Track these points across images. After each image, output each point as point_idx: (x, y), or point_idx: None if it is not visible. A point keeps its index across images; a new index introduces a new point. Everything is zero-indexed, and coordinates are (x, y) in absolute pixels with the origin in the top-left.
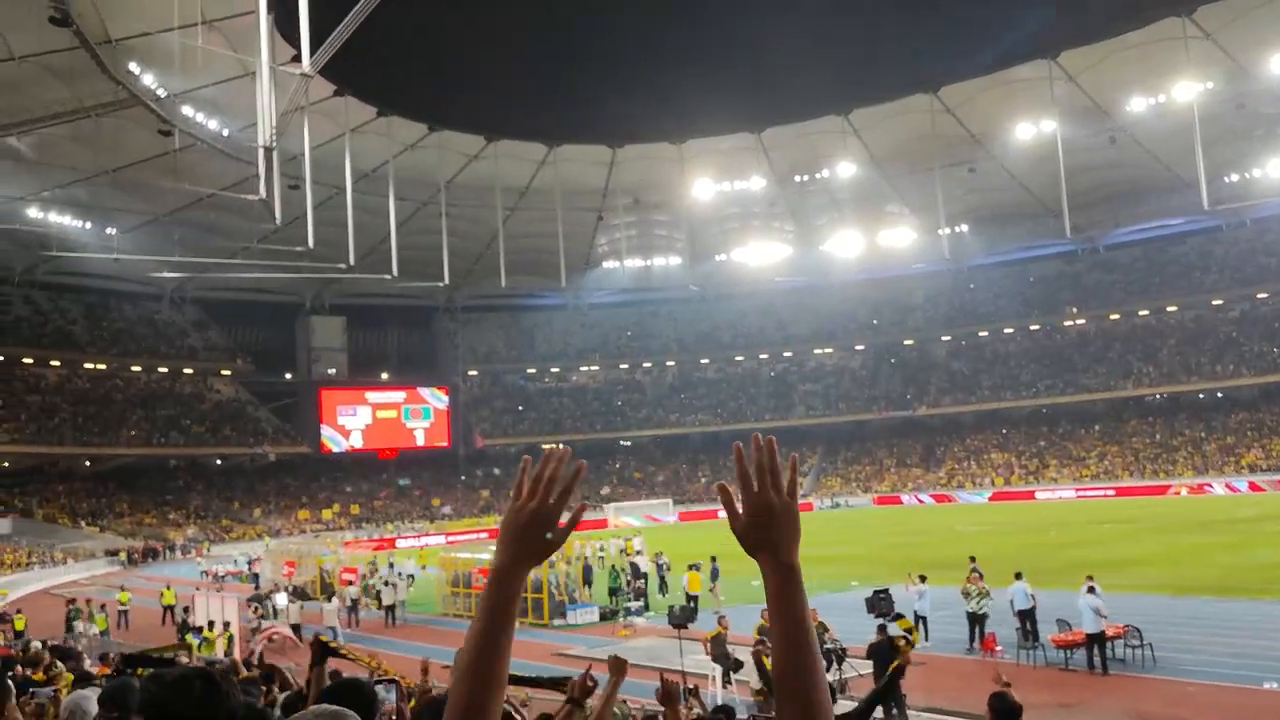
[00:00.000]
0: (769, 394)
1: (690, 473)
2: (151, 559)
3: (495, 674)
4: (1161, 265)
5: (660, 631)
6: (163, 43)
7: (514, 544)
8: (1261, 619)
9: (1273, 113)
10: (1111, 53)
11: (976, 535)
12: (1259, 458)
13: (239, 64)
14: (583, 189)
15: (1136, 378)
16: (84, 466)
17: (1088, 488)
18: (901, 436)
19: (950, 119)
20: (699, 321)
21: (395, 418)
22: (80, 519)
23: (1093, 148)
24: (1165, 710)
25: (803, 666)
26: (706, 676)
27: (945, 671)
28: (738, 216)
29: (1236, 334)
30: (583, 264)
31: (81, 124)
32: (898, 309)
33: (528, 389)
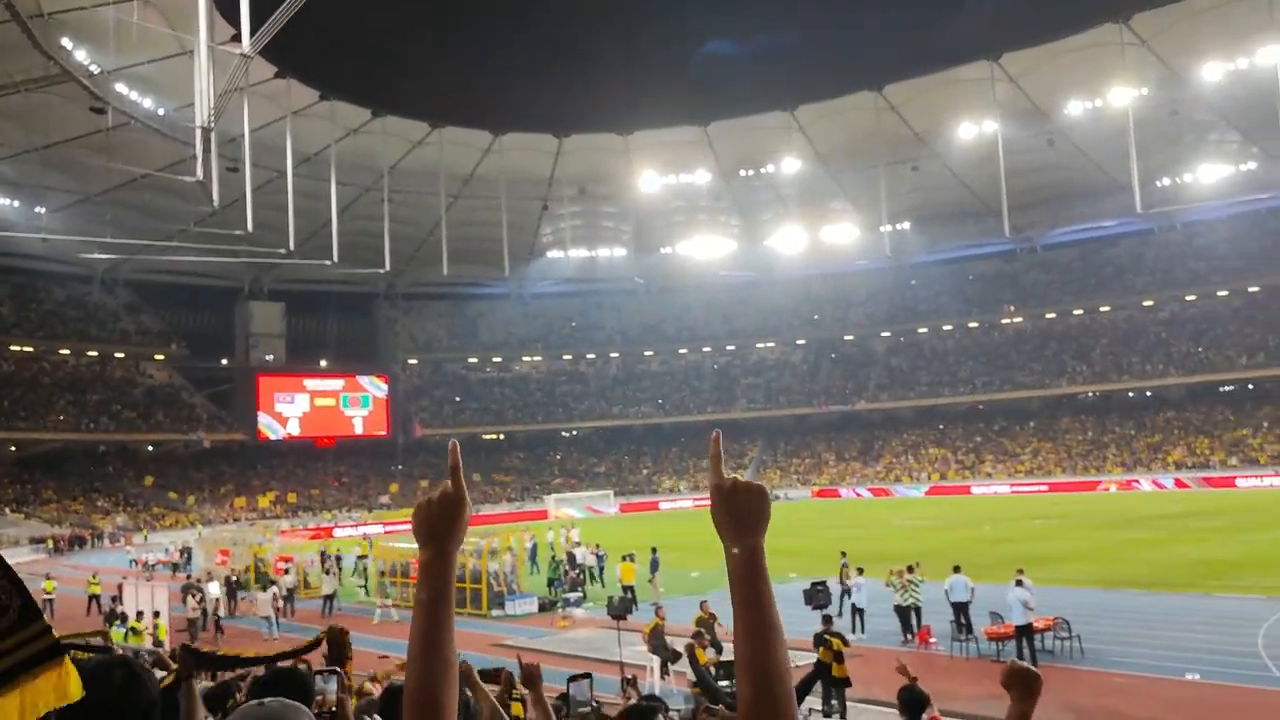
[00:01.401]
0: (711, 387)
1: (632, 464)
2: (79, 547)
3: (446, 656)
4: (1096, 266)
5: (599, 622)
6: (97, 17)
7: (428, 529)
8: (1185, 612)
9: (1204, 119)
10: (1052, 56)
11: (913, 529)
12: (1184, 456)
13: (176, 42)
14: (528, 178)
15: (1070, 376)
16: (9, 452)
17: (1022, 483)
18: (841, 431)
19: (894, 117)
20: (643, 313)
21: (334, 406)
22: (4, 505)
23: (1032, 149)
24: (1093, 700)
25: (764, 644)
26: (644, 668)
27: (880, 663)
28: (683, 210)
29: (1166, 335)
30: (527, 253)
31: (10, 99)
32: (839, 305)
33: (469, 379)
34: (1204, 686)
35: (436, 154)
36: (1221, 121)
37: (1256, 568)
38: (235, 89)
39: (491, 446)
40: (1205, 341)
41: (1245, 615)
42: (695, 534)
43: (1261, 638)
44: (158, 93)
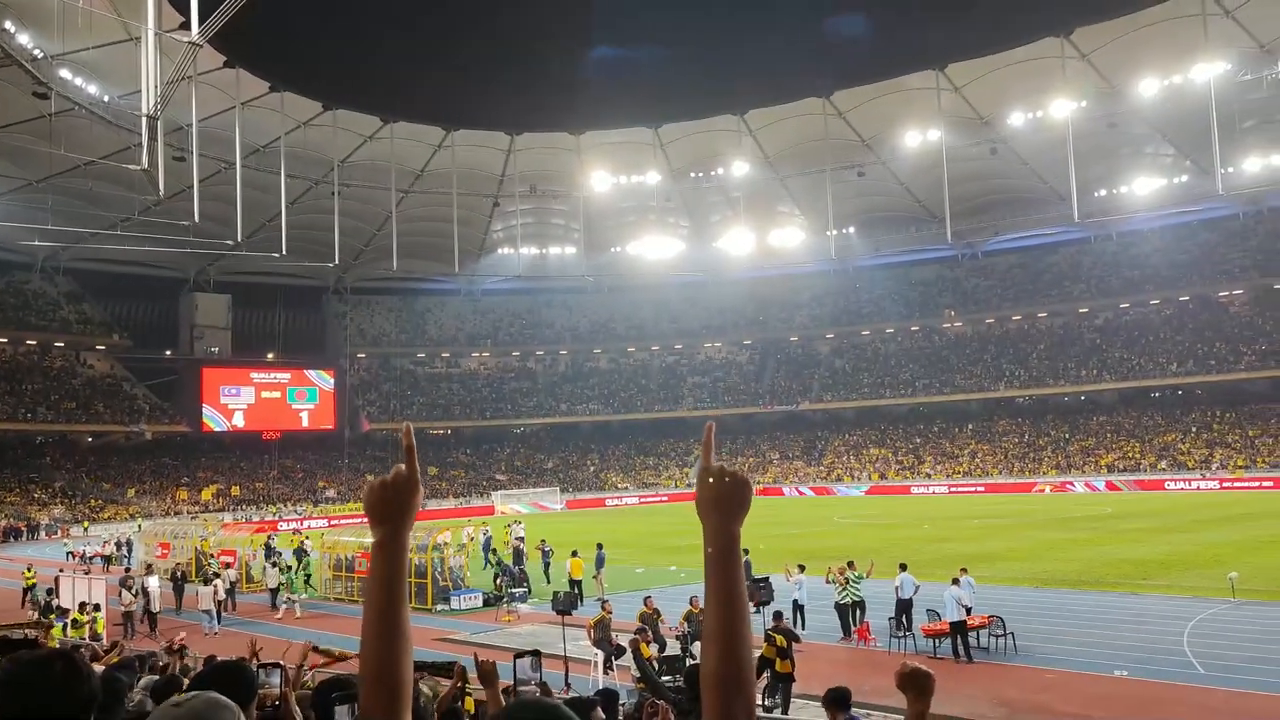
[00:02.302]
0: (659, 385)
1: (579, 461)
2: (14, 539)
3: (404, 634)
4: (1034, 273)
5: (544, 617)
6: (42, 2)
7: (381, 511)
8: (1114, 610)
9: (1140, 133)
10: (995, 67)
11: (854, 527)
12: (1116, 459)
13: (123, 28)
14: (480, 174)
15: (1008, 380)
16: None
17: (960, 484)
18: (785, 430)
19: (842, 123)
20: (593, 312)
21: (280, 399)
22: None
23: (975, 157)
24: (1024, 696)
25: (733, 617)
26: (589, 662)
27: (820, 659)
28: (634, 210)
29: (1100, 341)
30: (477, 250)
31: None
32: (785, 306)
33: (417, 374)
34: (1131, 683)
35: (388, 148)
36: (1157, 135)
37: (1182, 568)
38: (183, 77)
39: (439, 442)
40: (1137, 348)
41: (1171, 613)
42: (641, 531)
43: (1186, 635)
44: (103, 79)
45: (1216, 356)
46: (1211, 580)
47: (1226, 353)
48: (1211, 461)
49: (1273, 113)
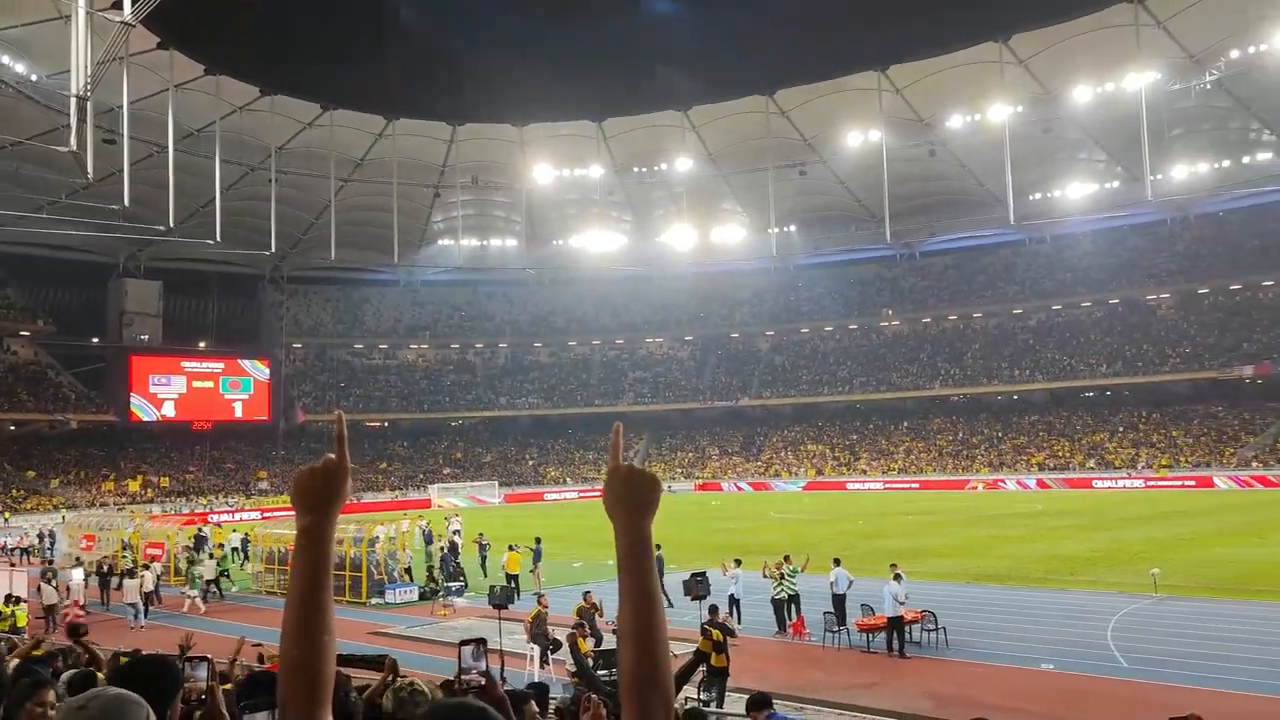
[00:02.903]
0: (600, 380)
1: (518, 455)
2: None
3: (328, 624)
4: (970, 274)
5: (480, 612)
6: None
7: (310, 499)
8: (1042, 606)
9: (1074, 138)
10: (936, 70)
11: (790, 523)
12: (1047, 458)
13: (53, 5)
14: (421, 164)
15: (943, 379)
16: None
17: (895, 480)
18: (725, 426)
19: (784, 122)
20: (534, 305)
21: (212, 388)
22: None
23: (914, 159)
24: (955, 690)
25: (646, 614)
26: (525, 656)
27: (755, 653)
28: (576, 203)
29: (1033, 342)
30: (417, 240)
31: None
32: (726, 303)
33: (354, 365)
34: (1057, 676)
35: (327, 136)
36: (1090, 141)
37: (1108, 564)
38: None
39: (375, 434)
40: (1069, 349)
41: (1097, 609)
42: (580, 525)
43: (1110, 630)
44: (32, 58)
45: (1143, 359)
46: (1135, 576)
47: (1153, 355)
48: (1137, 461)
49: (1199, 122)
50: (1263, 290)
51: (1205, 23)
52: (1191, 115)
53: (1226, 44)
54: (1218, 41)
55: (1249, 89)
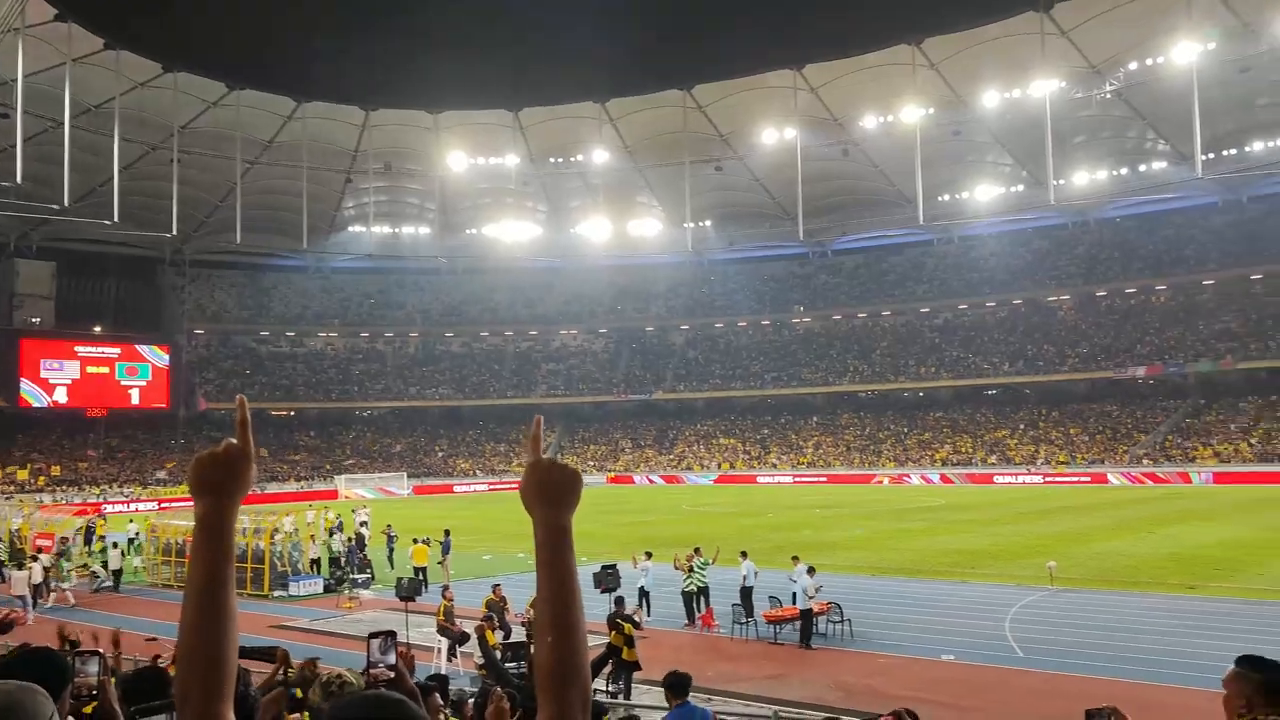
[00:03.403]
0: (512, 371)
1: (428, 446)
2: None
3: (228, 611)
4: (880, 273)
5: (387, 604)
6: None
7: (210, 485)
8: (944, 598)
9: (982, 142)
10: (850, 70)
11: (701, 515)
12: (950, 453)
13: None
14: (332, 148)
15: (852, 375)
16: None
17: (804, 474)
18: (638, 419)
19: (701, 117)
20: (446, 294)
21: (108, 374)
22: None
23: (828, 158)
24: (860, 680)
25: (564, 606)
26: (432, 649)
27: (664, 645)
28: (491, 192)
29: (939, 340)
30: (327, 226)
31: None
32: (641, 296)
33: (259, 352)
34: (958, 666)
35: (234, 116)
36: (997, 145)
37: (1007, 557)
38: (9, 29)
39: (281, 423)
40: (973, 348)
41: (996, 601)
42: (489, 517)
43: (1009, 621)
44: None
45: (1044, 358)
46: (1033, 569)
47: (1053, 355)
48: (1036, 457)
49: (1099, 130)
50: (1155, 294)
51: (1106, 34)
52: (1092, 123)
53: (1125, 56)
54: (1117, 53)
55: (1145, 100)
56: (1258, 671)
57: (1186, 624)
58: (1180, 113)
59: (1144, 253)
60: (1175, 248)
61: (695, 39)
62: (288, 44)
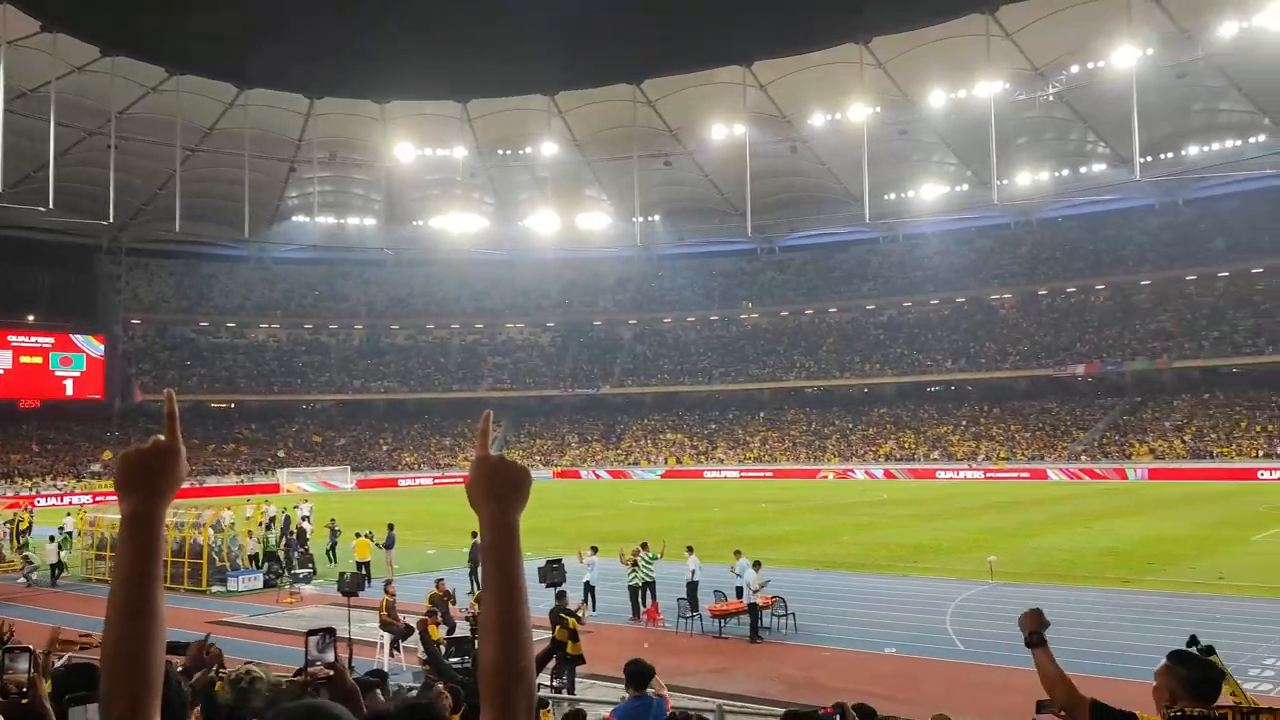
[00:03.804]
0: (458, 364)
1: (372, 440)
2: None
3: (156, 611)
4: (826, 270)
5: (329, 599)
6: None
7: (137, 483)
8: (887, 591)
9: (928, 141)
10: (799, 68)
11: (648, 510)
12: (894, 449)
13: None
14: (275, 137)
15: (798, 371)
16: None
17: (750, 469)
18: (585, 413)
19: (651, 111)
20: (391, 286)
21: (41, 364)
22: None
23: (776, 155)
24: (803, 673)
25: (511, 606)
26: (374, 644)
27: (608, 640)
28: (438, 184)
29: (884, 337)
30: (270, 216)
31: None
32: (589, 290)
33: (199, 343)
34: (899, 660)
35: (174, 102)
36: (942, 145)
37: (948, 552)
38: None
39: (221, 415)
40: (917, 345)
41: (937, 594)
42: (434, 511)
43: (949, 615)
44: None
45: (986, 355)
46: (973, 563)
47: (995, 352)
48: (977, 453)
49: (1042, 132)
50: (1095, 293)
51: (1049, 37)
52: (1035, 125)
53: (1068, 59)
54: (1060, 56)
55: (1087, 102)
56: (1185, 668)
57: (1122, 617)
58: (1120, 116)
59: (1084, 253)
60: (1114, 248)
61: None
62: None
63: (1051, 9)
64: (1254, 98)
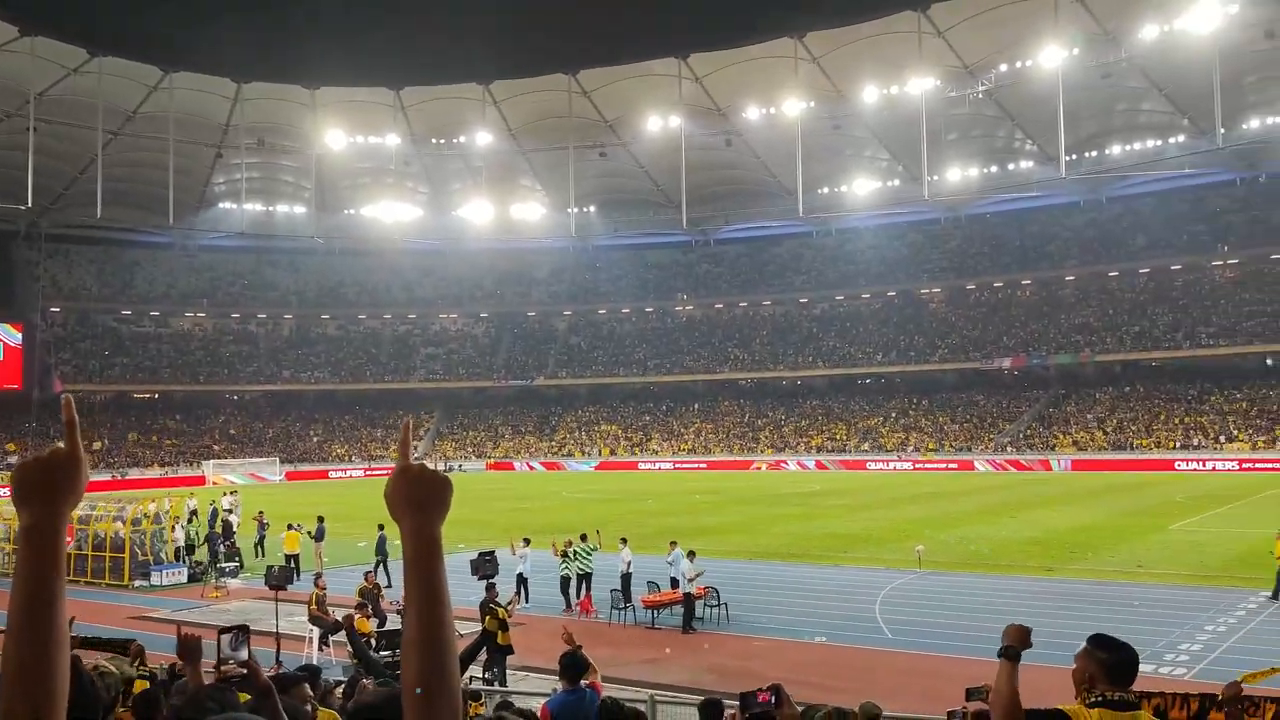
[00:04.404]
0: (390, 355)
1: (302, 431)
2: None
3: (57, 623)
4: (760, 263)
5: (256, 593)
6: None
7: (35, 494)
8: (817, 581)
9: (861, 137)
10: (735, 61)
11: (582, 502)
12: (825, 440)
13: None
14: (201, 121)
15: (732, 363)
16: None
17: (684, 461)
18: (518, 405)
19: (586, 101)
20: (322, 275)
21: None
22: None
23: (711, 147)
24: (736, 663)
25: (435, 621)
26: (304, 638)
27: (540, 631)
28: (370, 172)
29: (816, 330)
30: (196, 202)
31: None
32: (523, 281)
33: (121, 332)
34: (829, 649)
35: (95, 84)
36: (875, 140)
37: (878, 541)
38: None
39: (145, 406)
40: (849, 338)
41: (867, 584)
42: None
43: (878, 604)
44: None
45: (915, 349)
46: (902, 553)
47: (924, 346)
48: (907, 445)
49: (971, 129)
50: (1021, 288)
51: (979, 36)
52: (965, 122)
53: (997, 57)
54: (989, 54)
55: (1015, 101)
56: (1103, 651)
57: (1044, 604)
58: (1046, 114)
59: (1011, 248)
60: (1040, 244)
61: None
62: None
63: (981, 8)
64: (1173, 99)
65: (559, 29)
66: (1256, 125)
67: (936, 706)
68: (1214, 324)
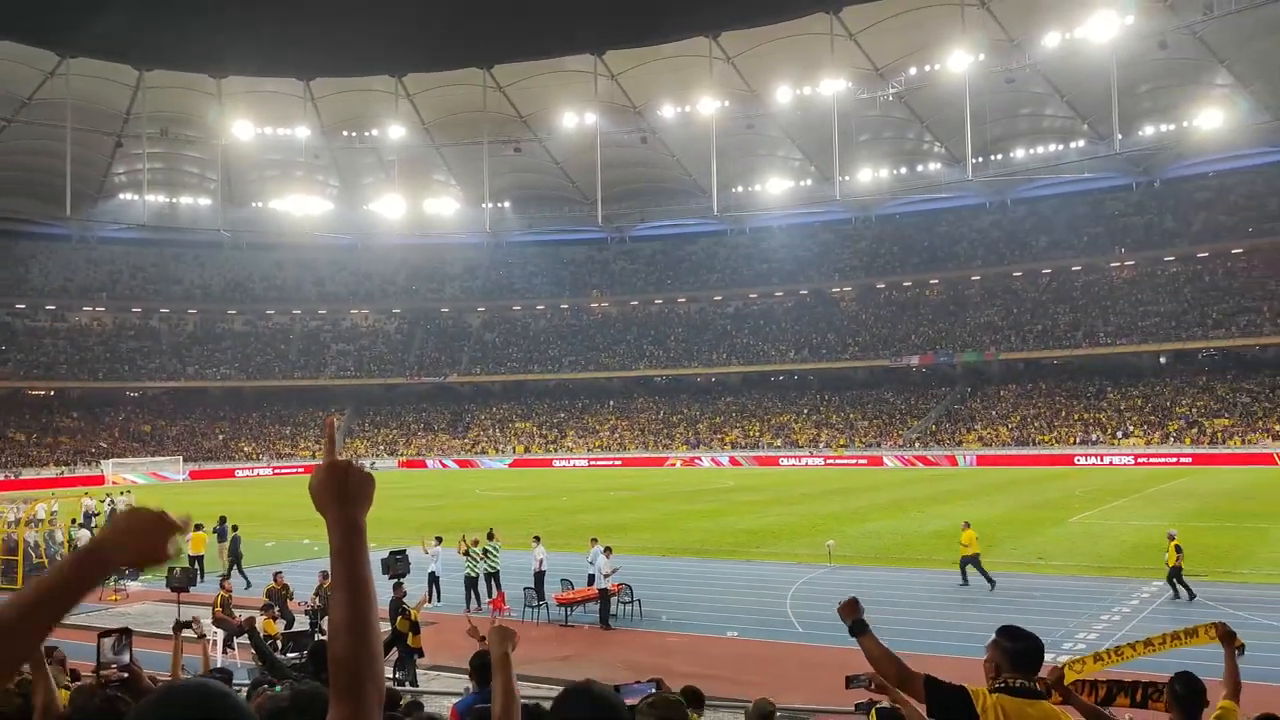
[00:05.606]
0: (300, 351)
1: (207, 429)
2: None
3: None
4: (675, 261)
5: (158, 595)
6: None
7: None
8: (731, 577)
9: (774, 136)
10: (649, 59)
11: (496, 499)
12: (739, 437)
13: None
14: (100, 109)
15: (648, 360)
16: None
17: (599, 458)
18: (431, 402)
19: (501, 97)
20: (228, 270)
21: None
22: None
23: (627, 145)
24: (650, 659)
25: (362, 617)
26: (209, 640)
27: (452, 630)
28: (279, 164)
29: (730, 327)
30: (94, 193)
31: None
32: (437, 277)
33: (15, 326)
34: (742, 643)
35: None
36: (788, 140)
37: (790, 536)
38: None
39: (40, 404)
40: (762, 336)
41: (778, 579)
42: (275, 503)
43: (790, 598)
44: None
45: (827, 346)
46: (813, 548)
47: (835, 343)
48: (819, 441)
49: (882, 131)
50: (929, 288)
51: (890, 39)
52: (876, 123)
53: (907, 61)
54: (900, 58)
55: (924, 104)
56: (1009, 640)
57: (951, 597)
58: (954, 118)
59: (919, 249)
60: (947, 245)
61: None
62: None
63: (892, 11)
64: (1074, 104)
65: (472, 22)
66: (1151, 132)
67: (843, 698)
68: (1111, 323)
